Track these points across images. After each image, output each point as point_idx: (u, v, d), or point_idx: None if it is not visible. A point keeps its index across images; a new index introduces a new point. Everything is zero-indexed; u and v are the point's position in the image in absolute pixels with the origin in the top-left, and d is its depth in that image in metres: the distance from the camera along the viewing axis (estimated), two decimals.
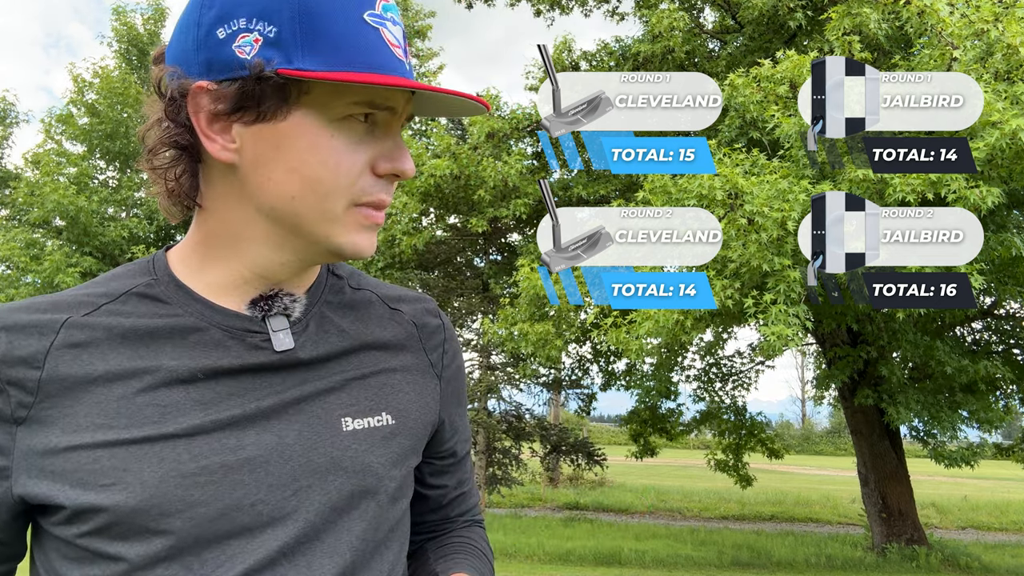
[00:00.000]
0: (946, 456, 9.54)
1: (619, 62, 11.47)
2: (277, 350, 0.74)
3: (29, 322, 0.71)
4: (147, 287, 0.75)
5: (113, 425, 0.68)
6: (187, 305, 0.74)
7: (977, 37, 6.12)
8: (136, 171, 14.19)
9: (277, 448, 0.71)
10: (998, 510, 16.33)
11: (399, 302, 0.89)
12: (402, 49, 0.72)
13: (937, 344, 8.52)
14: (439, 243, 12.51)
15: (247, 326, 0.74)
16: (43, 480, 0.67)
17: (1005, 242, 6.67)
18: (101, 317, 0.72)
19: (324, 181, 0.71)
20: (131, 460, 0.67)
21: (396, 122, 0.74)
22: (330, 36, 0.67)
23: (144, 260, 0.80)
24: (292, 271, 0.77)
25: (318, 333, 0.78)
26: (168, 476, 0.67)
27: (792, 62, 6.74)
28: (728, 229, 6.43)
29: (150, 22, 14.50)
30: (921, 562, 9.19)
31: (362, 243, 0.75)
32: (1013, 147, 5.68)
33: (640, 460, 12.19)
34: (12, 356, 0.69)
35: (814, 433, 45.98)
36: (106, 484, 0.66)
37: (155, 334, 0.72)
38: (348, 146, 0.71)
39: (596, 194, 10.73)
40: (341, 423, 0.75)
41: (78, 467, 0.67)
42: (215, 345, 0.73)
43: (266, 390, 0.73)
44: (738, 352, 12.71)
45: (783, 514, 15.17)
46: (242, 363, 0.73)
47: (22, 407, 0.68)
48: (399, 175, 0.74)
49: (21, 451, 0.68)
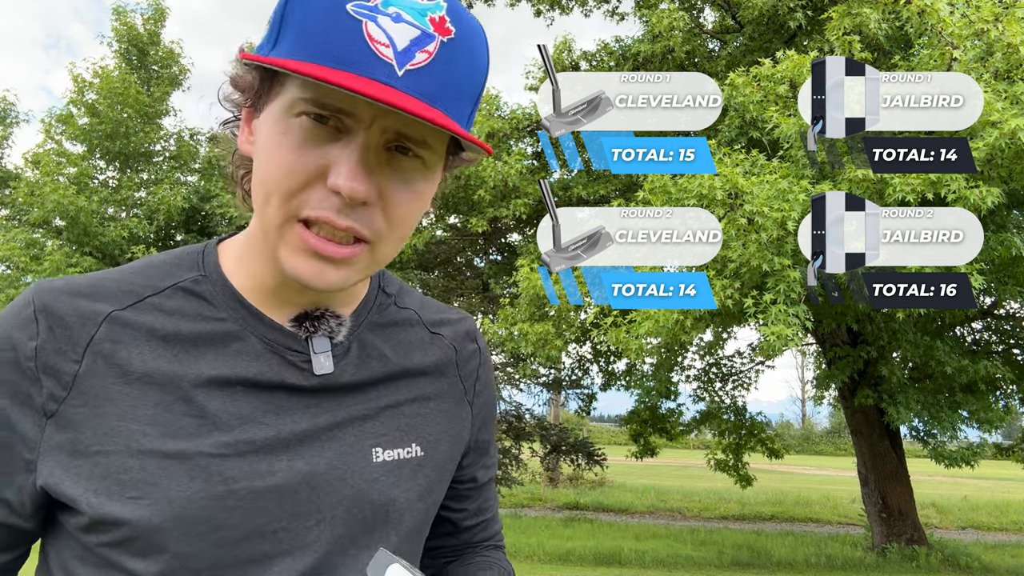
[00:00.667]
0: (946, 456, 9.54)
1: (619, 62, 11.47)
2: (316, 373, 0.72)
3: (71, 309, 0.67)
4: (194, 283, 0.73)
5: (148, 433, 0.65)
6: (233, 310, 0.72)
7: (977, 37, 6.12)
8: (136, 171, 14.20)
9: (307, 478, 0.69)
10: (998, 510, 16.32)
11: (440, 325, 0.86)
12: (395, 50, 0.60)
13: (937, 344, 8.52)
14: (439, 243, 12.50)
15: (289, 343, 0.72)
16: (67, 480, 0.65)
17: (1005, 242, 6.66)
18: (144, 314, 0.69)
19: (266, 183, 0.65)
20: (161, 475, 0.64)
21: (364, 132, 0.63)
22: (301, 24, 0.61)
23: (194, 250, 0.77)
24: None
25: (359, 358, 0.76)
26: (196, 496, 0.65)
27: (792, 62, 6.74)
28: (728, 229, 6.43)
29: (150, 22, 14.48)
30: (921, 562, 9.19)
31: (301, 269, 0.65)
32: (1013, 147, 5.67)
33: (640, 460, 12.19)
34: (50, 345, 0.66)
35: (814, 433, 45.97)
36: (133, 496, 0.64)
37: (197, 340, 0.70)
38: (296, 146, 0.63)
39: (596, 194, 10.73)
40: (372, 453, 0.73)
41: (107, 473, 0.64)
42: (255, 357, 0.70)
43: (301, 413, 0.71)
44: (738, 352, 12.71)
45: (783, 514, 15.17)
46: (280, 380, 0.71)
47: (53, 400, 0.65)
48: (336, 191, 0.62)
49: (48, 446, 0.65)
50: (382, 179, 0.65)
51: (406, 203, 0.67)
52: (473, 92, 0.67)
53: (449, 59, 0.63)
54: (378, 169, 0.64)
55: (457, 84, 0.64)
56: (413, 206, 0.68)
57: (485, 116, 10.21)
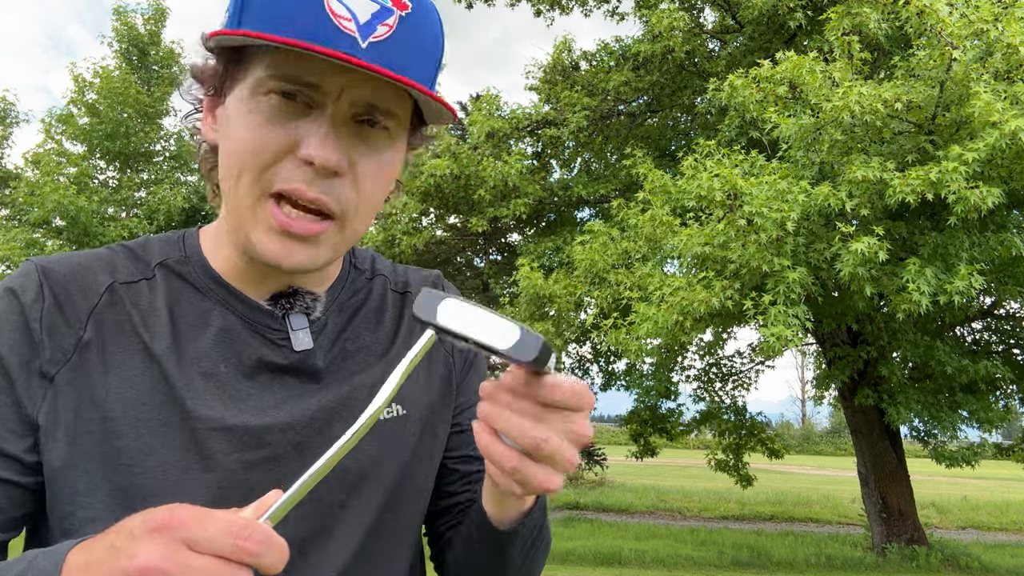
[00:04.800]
0: (946, 456, 9.53)
1: (619, 62, 11.46)
2: (296, 349, 0.74)
3: (73, 279, 0.70)
4: (177, 263, 0.76)
5: (144, 402, 0.67)
6: (213, 291, 0.74)
7: (977, 37, 6.11)
8: (136, 171, 14.21)
9: (296, 448, 0.71)
10: (998, 510, 16.32)
11: (407, 285, 0.88)
12: (357, 24, 0.62)
13: (937, 344, 8.51)
14: (439, 243, 12.51)
15: (267, 321, 0.75)
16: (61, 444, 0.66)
17: (1005, 242, 6.65)
18: (139, 291, 0.72)
19: (237, 161, 0.67)
20: (154, 443, 0.66)
21: (332, 104, 0.65)
22: (262, 4, 0.63)
23: (175, 234, 0.80)
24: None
25: (335, 332, 0.78)
26: (189, 467, 0.67)
27: (792, 62, 6.74)
28: (727, 230, 6.43)
29: (150, 22, 14.48)
30: (921, 562, 9.18)
31: (270, 248, 0.67)
32: (1013, 147, 5.67)
33: (640, 460, 12.18)
34: (56, 311, 0.68)
35: (814, 433, 45.97)
36: (125, 463, 0.66)
37: (180, 320, 0.72)
38: (264, 123, 0.64)
39: (596, 194, 10.74)
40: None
41: (102, 439, 0.66)
42: (235, 335, 0.73)
43: (283, 387, 0.73)
44: (738, 352, 12.71)
45: (783, 514, 15.16)
46: (260, 357, 0.73)
47: (53, 363, 0.67)
48: (309, 162, 0.64)
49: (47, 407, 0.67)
50: (351, 150, 0.67)
51: (375, 173, 0.69)
52: (433, 62, 0.69)
53: (409, 31, 0.65)
54: (347, 140, 0.66)
55: (417, 54, 0.67)
56: (381, 176, 0.70)
57: (485, 116, 10.21)
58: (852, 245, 5.97)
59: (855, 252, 5.94)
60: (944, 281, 6.13)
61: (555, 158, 11.95)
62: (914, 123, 6.68)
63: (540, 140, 10.95)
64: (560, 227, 11.42)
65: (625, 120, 11.33)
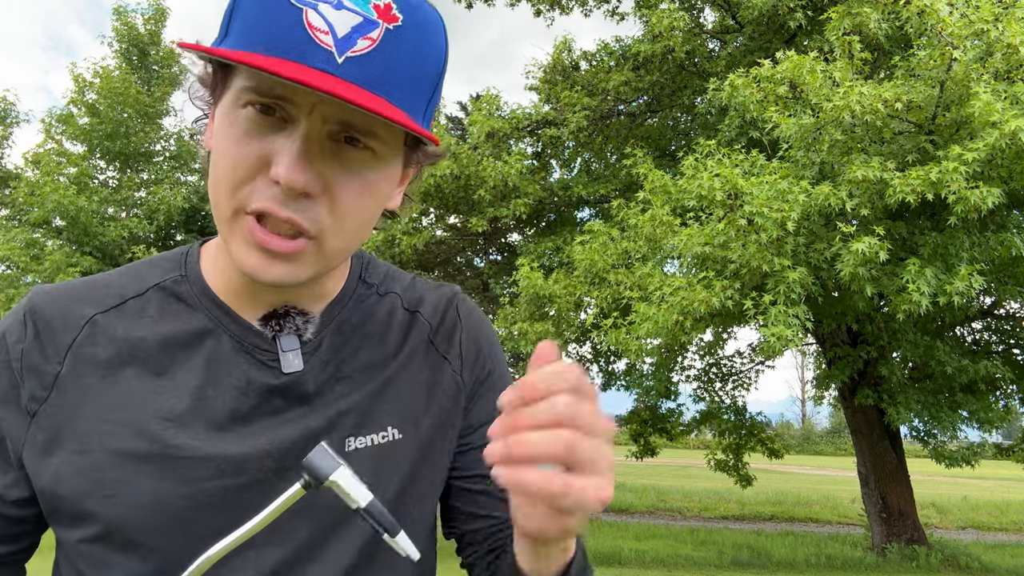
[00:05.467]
0: (946, 456, 9.54)
1: (619, 62, 11.46)
2: (285, 371, 0.72)
3: (57, 313, 0.70)
4: (174, 283, 0.75)
5: (121, 434, 0.67)
6: (208, 310, 0.73)
7: (977, 37, 6.12)
8: (136, 171, 14.20)
9: (279, 473, 0.70)
10: (998, 510, 16.32)
11: (420, 303, 0.83)
12: (335, 37, 0.59)
13: (937, 344, 8.51)
14: (439, 243, 12.50)
15: (258, 342, 0.73)
16: (47, 478, 0.67)
17: (1005, 242, 6.66)
18: (123, 317, 0.72)
19: (215, 175, 0.65)
20: (133, 474, 0.66)
21: (306, 119, 0.61)
22: (245, 14, 0.61)
23: (180, 250, 0.79)
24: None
25: (329, 353, 0.75)
26: (168, 495, 0.66)
27: (792, 62, 6.74)
28: (728, 230, 6.43)
29: (151, 22, 14.49)
30: (921, 562, 9.18)
31: (248, 262, 0.64)
32: (1013, 147, 5.67)
33: (640, 460, 12.18)
34: (35, 347, 0.69)
35: (814, 433, 45.99)
36: (108, 495, 0.66)
37: (171, 340, 0.71)
38: (242, 136, 0.62)
39: (596, 193, 10.74)
40: (344, 444, 0.73)
41: (82, 472, 0.66)
42: (226, 356, 0.72)
43: (271, 411, 0.71)
44: (738, 352, 12.71)
45: (783, 514, 15.16)
46: (250, 379, 0.71)
47: (35, 400, 0.68)
48: (276, 181, 0.61)
49: (32, 444, 0.68)
50: (327, 170, 0.63)
51: (354, 196, 0.65)
52: (427, 80, 0.65)
53: (396, 46, 0.61)
54: (321, 160, 0.62)
55: (405, 71, 0.62)
56: (363, 199, 0.66)
57: (485, 116, 10.21)
58: (852, 245, 5.97)
59: (855, 252, 5.94)
60: (944, 281, 6.13)
61: (555, 158, 11.96)
62: (914, 123, 6.68)
63: (540, 140, 10.95)
64: (560, 227, 11.42)
65: (625, 120, 11.34)
